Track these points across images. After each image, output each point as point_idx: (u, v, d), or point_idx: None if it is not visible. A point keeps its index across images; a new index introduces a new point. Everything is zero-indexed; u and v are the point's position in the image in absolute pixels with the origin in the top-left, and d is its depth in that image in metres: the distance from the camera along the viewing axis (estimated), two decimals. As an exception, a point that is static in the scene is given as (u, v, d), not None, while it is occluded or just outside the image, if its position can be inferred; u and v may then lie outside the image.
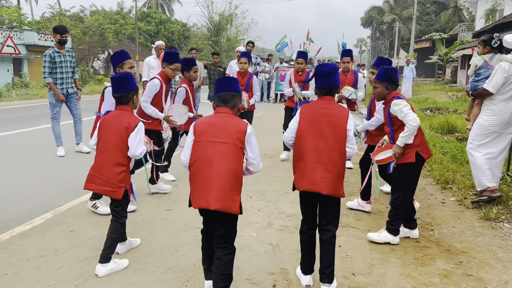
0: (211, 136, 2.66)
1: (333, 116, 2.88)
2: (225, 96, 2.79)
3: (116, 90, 3.24)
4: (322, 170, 2.82)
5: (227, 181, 2.60)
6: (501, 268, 3.34)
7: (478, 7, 34.15)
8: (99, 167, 3.18)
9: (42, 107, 15.65)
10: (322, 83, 2.98)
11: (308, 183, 2.85)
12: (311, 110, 2.95)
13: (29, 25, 30.64)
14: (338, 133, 2.86)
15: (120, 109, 3.26)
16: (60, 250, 3.55)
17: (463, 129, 9.24)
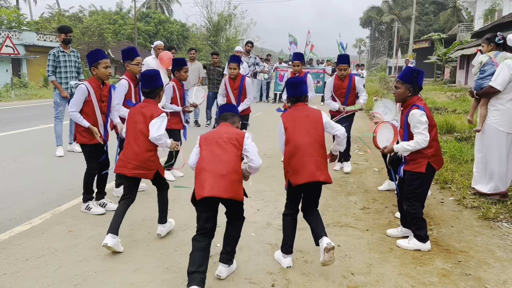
0: (215, 138, 3.07)
1: (311, 116, 3.33)
2: (226, 115, 3.32)
3: (145, 86, 3.69)
4: (315, 161, 3.20)
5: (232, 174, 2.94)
6: (500, 268, 3.34)
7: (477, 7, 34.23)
8: (131, 154, 3.58)
9: (41, 107, 15.64)
10: (291, 92, 3.45)
11: (308, 175, 3.17)
12: (291, 115, 3.36)
13: (28, 25, 30.63)
14: (318, 129, 3.29)
15: (147, 102, 3.71)
16: (59, 250, 3.55)
17: (462, 129, 9.26)
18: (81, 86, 4.26)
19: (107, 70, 4.28)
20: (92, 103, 4.30)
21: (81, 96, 4.25)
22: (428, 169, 3.59)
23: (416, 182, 3.62)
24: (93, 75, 4.34)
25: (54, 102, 7.20)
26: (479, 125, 4.83)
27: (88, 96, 4.27)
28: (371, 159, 7.32)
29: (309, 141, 3.23)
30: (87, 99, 4.28)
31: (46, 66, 7.14)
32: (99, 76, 4.31)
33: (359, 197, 5.16)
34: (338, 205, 4.82)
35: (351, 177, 6.07)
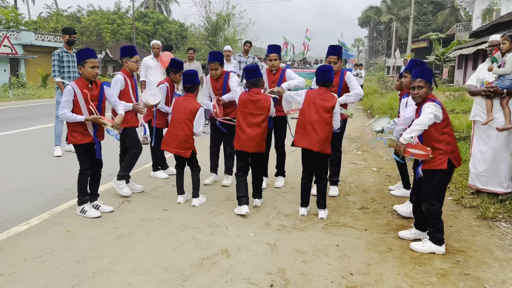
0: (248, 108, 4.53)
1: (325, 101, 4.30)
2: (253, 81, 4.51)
3: (187, 82, 4.73)
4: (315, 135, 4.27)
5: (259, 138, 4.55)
6: (498, 267, 3.34)
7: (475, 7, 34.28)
8: (174, 135, 4.64)
9: (39, 107, 15.60)
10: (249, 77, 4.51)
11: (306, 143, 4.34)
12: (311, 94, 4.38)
13: (26, 25, 30.56)
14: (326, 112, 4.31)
15: (188, 95, 4.73)
16: (56, 250, 3.53)
17: (460, 128, 9.25)
18: (67, 86, 4.14)
19: (93, 70, 4.16)
20: (79, 103, 4.15)
21: (68, 97, 4.11)
22: (449, 166, 3.54)
23: (435, 180, 3.55)
24: (80, 74, 4.22)
25: (57, 102, 7.19)
26: (509, 123, 4.63)
27: (74, 97, 4.12)
28: (369, 158, 7.31)
29: (315, 119, 4.22)
30: (74, 99, 4.13)
31: (45, 66, 7.18)
32: (85, 75, 4.18)
33: (357, 197, 5.16)
34: (336, 205, 4.81)
35: (350, 177, 6.06)
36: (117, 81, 4.76)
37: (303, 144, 4.28)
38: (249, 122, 4.41)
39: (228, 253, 3.54)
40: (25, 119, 11.89)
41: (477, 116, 4.99)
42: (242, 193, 4.45)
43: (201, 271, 3.21)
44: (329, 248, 3.66)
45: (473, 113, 5.07)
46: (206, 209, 4.62)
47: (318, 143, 4.21)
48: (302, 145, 4.29)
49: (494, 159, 4.82)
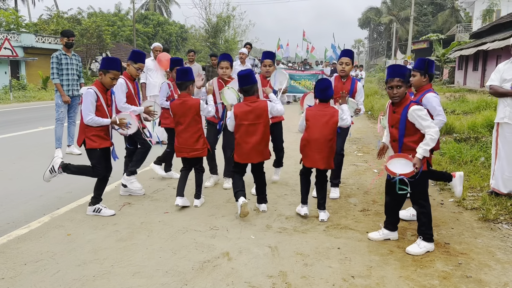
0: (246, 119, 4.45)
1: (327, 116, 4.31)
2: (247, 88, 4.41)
3: (178, 79, 4.61)
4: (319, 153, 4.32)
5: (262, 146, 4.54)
6: (500, 270, 3.33)
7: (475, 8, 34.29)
8: (185, 139, 4.60)
9: (39, 109, 15.61)
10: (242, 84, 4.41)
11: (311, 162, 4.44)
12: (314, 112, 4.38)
13: (26, 27, 30.58)
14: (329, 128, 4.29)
15: (182, 96, 4.59)
16: (57, 254, 3.53)
17: (461, 129, 9.25)
18: (89, 90, 4.20)
19: (112, 81, 4.27)
20: (103, 107, 4.27)
21: (92, 101, 4.18)
22: (428, 165, 3.66)
23: (422, 183, 3.63)
24: (99, 79, 4.29)
25: (56, 104, 7.22)
26: None
27: (98, 101, 4.23)
28: (370, 160, 7.31)
29: (320, 136, 4.22)
30: (97, 103, 4.23)
31: (45, 68, 7.23)
32: (103, 82, 4.27)
33: (358, 199, 5.15)
34: (337, 207, 4.80)
35: (351, 179, 6.05)
36: (120, 85, 4.81)
37: (309, 163, 4.34)
38: (251, 133, 4.37)
39: (229, 256, 3.53)
40: (26, 121, 11.90)
41: (506, 118, 4.78)
42: (239, 187, 4.44)
43: (202, 274, 3.21)
44: (330, 251, 3.65)
45: (502, 115, 4.82)
46: (207, 211, 4.62)
47: (324, 160, 4.26)
48: (309, 165, 4.36)
49: None
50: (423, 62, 4.17)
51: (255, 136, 4.36)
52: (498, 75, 4.86)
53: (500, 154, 4.89)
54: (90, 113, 4.16)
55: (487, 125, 8.80)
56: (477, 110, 12.25)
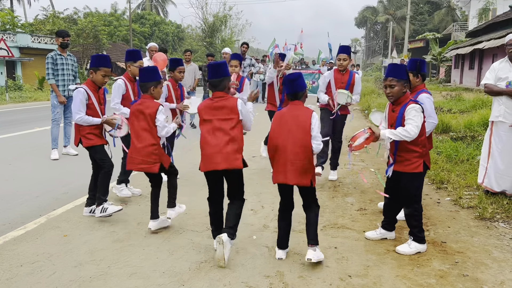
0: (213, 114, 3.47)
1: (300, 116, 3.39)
2: (214, 82, 3.51)
3: (140, 79, 3.93)
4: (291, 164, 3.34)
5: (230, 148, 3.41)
6: (497, 268, 3.34)
7: (471, 7, 34.36)
8: (137, 149, 3.85)
9: (36, 110, 15.56)
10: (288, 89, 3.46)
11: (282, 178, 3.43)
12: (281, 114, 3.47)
13: (22, 27, 30.45)
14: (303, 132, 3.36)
15: (143, 98, 3.90)
16: (53, 255, 3.51)
17: (458, 128, 9.27)
18: (79, 89, 4.21)
19: (104, 78, 4.26)
20: (94, 105, 4.28)
21: (82, 99, 4.18)
22: (424, 168, 3.61)
23: (414, 184, 3.60)
24: (90, 77, 4.29)
25: (52, 105, 7.19)
26: None
27: (89, 99, 4.24)
28: (367, 159, 7.31)
29: (290, 142, 3.30)
30: (88, 102, 4.23)
31: (42, 68, 7.20)
32: (95, 80, 4.28)
33: (355, 198, 5.15)
34: (335, 207, 4.80)
35: (348, 178, 6.06)
36: (118, 86, 4.75)
37: (279, 178, 3.39)
38: (214, 131, 3.45)
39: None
40: (22, 122, 11.84)
41: (500, 117, 4.79)
42: (213, 224, 3.68)
43: (199, 275, 3.20)
44: (327, 250, 3.65)
45: (496, 113, 4.85)
46: (203, 212, 4.59)
47: (296, 174, 3.29)
48: (278, 180, 3.41)
49: None
50: (415, 63, 4.14)
51: (219, 135, 3.44)
52: (493, 73, 4.87)
53: (493, 152, 4.91)
54: (80, 111, 4.17)
55: (483, 124, 8.81)
56: (473, 108, 12.29)
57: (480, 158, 5.20)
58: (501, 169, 4.82)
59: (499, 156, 4.84)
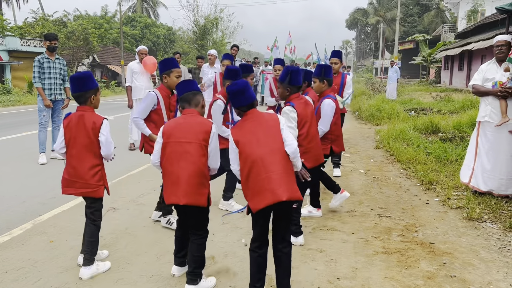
0: (177, 137, 2.91)
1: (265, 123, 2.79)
2: (188, 95, 3.03)
3: (73, 90, 3.24)
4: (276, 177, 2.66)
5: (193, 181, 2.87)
6: (484, 269, 3.35)
7: (460, 9, 34.73)
8: (75, 170, 3.22)
9: (24, 113, 15.39)
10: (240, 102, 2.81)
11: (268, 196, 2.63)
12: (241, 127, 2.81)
13: (11, 30, 30.16)
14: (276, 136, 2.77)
15: (81, 110, 3.25)
16: (39, 261, 3.46)
17: (447, 129, 9.35)
18: (150, 93, 4.00)
19: (178, 79, 3.94)
20: (162, 111, 4.04)
21: (149, 104, 3.96)
22: None
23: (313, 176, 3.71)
24: (163, 83, 4.03)
25: (38, 108, 7.12)
26: None
27: (158, 105, 4.00)
28: (357, 161, 7.33)
29: (266, 152, 2.67)
30: (156, 107, 4.00)
31: (31, 72, 7.13)
32: (169, 85, 3.98)
33: (345, 200, 5.14)
34: (324, 209, 4.79)
35: (338, 180, 6.06)
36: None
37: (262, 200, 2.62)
38: (178, 156, 2.87)
39: (214, 260, 3.51)
40: (10, 126, 11.71)
41: (487, 117, 4.84)
42: (175, 251, 3.22)
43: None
44: (316, 253, 3.64)
45: (483, 113, 4.89)
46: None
47: (283, 187, 2.62)
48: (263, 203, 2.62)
49: (502, 162, 4.78)
50: (320, 69, 4.30)
51: (183, 162, 2.86)
52: (481, 75, 4.92)
53: (480, 152, 4.95)
54: (139, 114, 4.01)
55: (472, 124, 8.88)
56: (462, 109, 12.40)
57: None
58: (487, 169, 4.86)
59: (485, 156, 4.88)
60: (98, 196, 3.27)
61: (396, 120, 11.15)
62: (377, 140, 9.27)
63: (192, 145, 2.87)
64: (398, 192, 5.42)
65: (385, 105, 13.32)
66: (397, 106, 13.54)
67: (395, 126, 9.75)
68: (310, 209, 4.59)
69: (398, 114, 11.91)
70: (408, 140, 8.22)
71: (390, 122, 11.07)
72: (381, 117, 12.20)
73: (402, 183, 5.84)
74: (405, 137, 8.50)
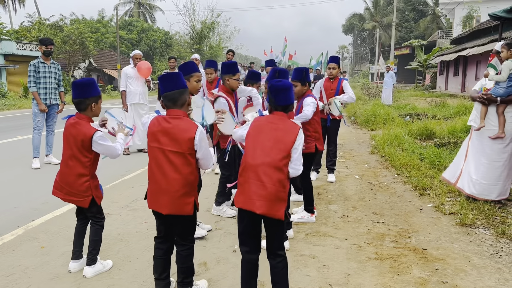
0: (161, 143, 2.74)
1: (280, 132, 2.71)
2: (173, 94, 2.78)
3: (75, 95, 3.20)
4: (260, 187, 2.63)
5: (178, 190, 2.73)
6: (476, 275, 3.35)
7: (456, 14, 34.93)
8: (65, 175, 3.23)
9: (19, 117, 15.34)
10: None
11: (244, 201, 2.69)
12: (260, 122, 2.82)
13: (7, 34, 30.09)
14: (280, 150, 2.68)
15: (78, 118, 3.21)
16: (29, 267, 3.44)
17: (441, 134, 9.37)
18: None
19: (198, 84, 3.88)
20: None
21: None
22: None
23: None
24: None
25: (33, 113, 7.09)
26: (502, 132, 4.69)
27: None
28: (352, 166, 7.34)
29: (266, 162, 2.62)
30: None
31: (26, 76, 7.09)
32: (190, 90, 3.74)
33: (339, 205, 5.15)
34: (318, 214, 4.79)
35: (332, 185, 6.06)
36: (223, 105, 4.35)
37: (241, 203, 2.66)
38: (161, 164, 2.76)
39: (207, 266, 3.49)
40: (4, 130, 11.66)
41: (472, 121, 5.04)
42: (157, 274, 2.92)
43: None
44: (308, 259, 3.63)
45: (471, 117, 5.12)
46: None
47: (265, 201, 2.58)
48: (240, 205, 2.67)
49: (484, 166, 4.85)
50: (301, 72, 4.30)
51: (166, 172, 2.74)
52: (482, 81, 5.12)
53: (468, 156, 5.06)
54: None
55: (466, 130, 8.92)
56: (457, 115, 12.45)
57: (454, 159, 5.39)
58: (471, 173, 4.97)
59: (472, 161, 5.00)
60: (83, 206, 3.23)
61: (391, 125, 11.19)
62: (372, 145, 9.29)
63: (176, 155, 2.71)
64: (392, 198, 5.42)
65: (381, 110, 13.36)
66: (392, 111, 13.58)
67: (390, 131, 9.77)
68: (303, 215, 4.58)
69: (394, 119, 11.95)
70: (403, 146, 8.24)
71: (385, 127, 11.10)
72: (376, 122, 12.24)
73: (396, 189, 5.85)
74: (400, 142, 8.52)
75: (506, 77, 4.61)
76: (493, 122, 4.77)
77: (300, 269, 3.44)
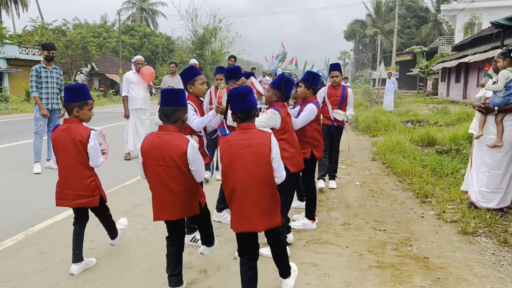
0: (155, 159, 2.84)
1: (254, 146, 2.69)
2: (167, 110, 2.87)
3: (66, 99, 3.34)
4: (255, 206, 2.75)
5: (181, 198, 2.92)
6: (478, 284, 3.33)
7: (457, 21, 35.01)
8: (67, 182, 3.32)
9: (21, 122, 15.37)
10: (239, 107, 2.76)
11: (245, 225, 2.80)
12: (230, 142, 2.73)
13: (10, 38, 30.23)
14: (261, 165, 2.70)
15: (68, 122, 3.32)
16: (29, 273, 3.42)
17: (443, 141, 9.35)
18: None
19: (203, 86, 3.90)
20: None
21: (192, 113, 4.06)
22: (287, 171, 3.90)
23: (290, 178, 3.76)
24: (190, 93, 3.88)
25: (34, 117, 7.10)
26: (499, 141, 4.68)
27: (195, 114, 3.88)
28: (353, 173, 7.32)
29: (250, 182, 2.66)
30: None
31: (29, 80, 7.10)
32: (196, 93, 3.86)
33: (340, 212, 5.13)
34: (319, 221, 4.77)
35: (333, 192, 6.04)
36: None
37: (240, 228, 2.76)
38: (161, 177, 2.86)
39: (207, 274, 3.48)
40: (6, 134, 11.68)
41: (473, 129, 5.11)
42: (171, 270, 3.04)
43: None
44: (309, 267, 3.61)
45: (472, 125, 5.18)
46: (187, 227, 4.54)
47: (262, 217, 2.71)
48: (240, 230, 2.78)
49: (483, 174, 4.86)
50: (309, 75, 4.32)
51: (167, 183, 2.86)
52: (484, 89, 5.08)
53: (472, 164, 5.08)
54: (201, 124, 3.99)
55: (468, 137, 8.91)
56: (458, 121, 12.43)
57: (464, 172, 5.37)
58: (474, 180, 5.00)
59: (474, 170, 5.02)
60: (95, 205, 3.40)
61: (392, 131, 11.17)
62: (373, 152, 9.27)
63: (171, 169, 2.82)
64: (393, 205, 5.40)
65: (382, 117, 13.35)
66: (394, 117, 13.57)
67: (391, 138, 9.76)
68: (305, 222, 4.57)
69: (395, 125, 11.94)
70: (404, 152, 8.22)
71: (387, 133, 11.09)
72: (377, 129, 12.22)
73: (397, 196, 5.83)
74: (401, 149, 8.50)
75: (503, 87, 4.61)
76: (491, 131, 4.76)
77: (301, 277, 3.42)
